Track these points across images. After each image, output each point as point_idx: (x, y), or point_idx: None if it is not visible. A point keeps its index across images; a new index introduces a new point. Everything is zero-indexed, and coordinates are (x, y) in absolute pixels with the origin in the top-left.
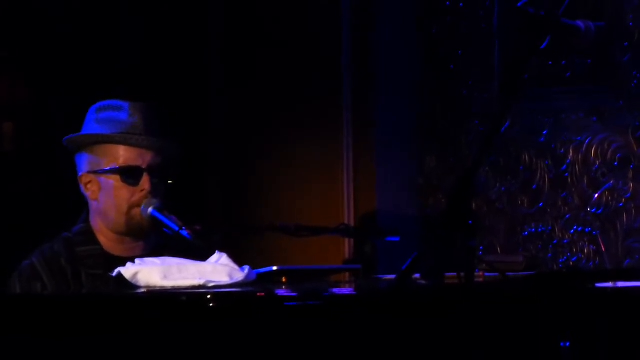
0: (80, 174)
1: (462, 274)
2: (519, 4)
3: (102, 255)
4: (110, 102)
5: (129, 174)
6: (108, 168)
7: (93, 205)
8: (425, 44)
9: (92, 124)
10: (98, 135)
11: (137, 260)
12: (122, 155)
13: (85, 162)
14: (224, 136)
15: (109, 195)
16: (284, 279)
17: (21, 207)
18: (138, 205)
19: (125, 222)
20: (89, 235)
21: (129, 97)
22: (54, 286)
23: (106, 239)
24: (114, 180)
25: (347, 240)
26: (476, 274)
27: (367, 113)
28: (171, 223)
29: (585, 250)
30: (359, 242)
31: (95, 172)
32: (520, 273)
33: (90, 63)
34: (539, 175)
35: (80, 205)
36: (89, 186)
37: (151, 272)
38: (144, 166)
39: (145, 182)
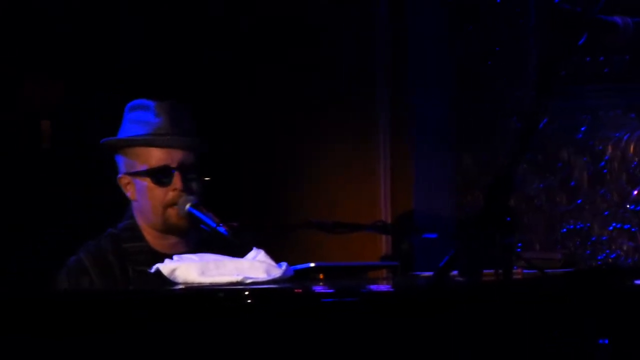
0: (119, 175)
1: (500, 271)
2: (556, 1)
3: (149, 251)
4: (139, 102)
5: (160, 174)
6: (139, 170)
7: (134, 204)
8: (462, 41)
9: (126, 124)
10: (127, 140)
11: (175, 257)
12: (152, 156)
13: (122, 164)
14: (264, 134)
15: (144, 196)
16: (321, 276)
17: (61, 205)
18: (172, 204)
19: (162, 222)
20: (135, 232)
21: (159, 95)
22: (101, 281)
23: (150, 236)
24: (146, 182)
25: (384, 237)
26: (514, 271)
27: (404, 110)
28: (208, 220)
29: (624, 247)
30: (396, 239)
31: (130, 174)
32: (558, 270)
33: (123, 61)
34: (577, 172)
35: (120, 203)
36: (127, 187)
37: (189, 269)
38: (173, 165)
39: (177, 181)
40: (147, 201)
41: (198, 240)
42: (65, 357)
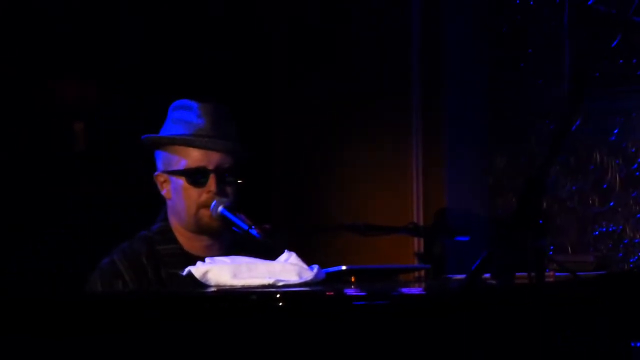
0: (157, 172)
1: (533, 274)
2: (589, 2)
3: (182, 254)
4: (183, 102)
5: (196, 175)
6: (176, 169)
7: (169, 203)
8: (495, 43)
9: (168, 123)
10: (169, 138)
11: (207, 259)
12: (190, 156)
13: (160, 161)
14: (296, 136)
15: (179, 196)
16: (352, 279)
17: (94, 207)
18: (205, 206)
19: (194, 222)
20: (168, 234)
21: (197, 97)
22: (135, 284)
23: (183, 237)
24: (182, 181)
25: (416, 239)
26: (546, 273)
27: (437, 112)
28: (240, 222)
29: None
30: (428, 241)
31: (168, 172)
32: (591, 273)
33: (159, 63)
34: (610, 174)
35: (151, 206)
36: (164, 185)
37: (221, 271)
38: (210, 167)
39: (212, 183)
40: (182, 200)
41: (231, 242)
42: (98, 356)
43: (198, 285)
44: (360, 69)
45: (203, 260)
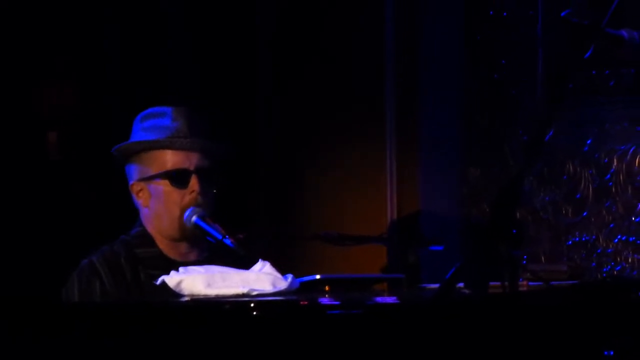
0: (131, 182)
1: (506, 284)
2: (562, 14)
3: (161, 257)
4: (153, 110)
5: (178, 177)
6: (156, 173)
7: (145, 212)
8: (469, 53)
9: (139, 133)
10: (144, 142)
11: (181, 269)
12: (169, 159)
13: (134, 171)
14: (269, 145)
15: (160, 201)
16: (327, 288)
17: (70, 216)
18: (189, 207)
19: (178, 227)
20: (147, 238)
21: (176, 103)
22: (112, 285)
23: (162, 244)
24: (163, 186)
25: (390, 249)
26: (520, 283)
27: (411, 121)
28: (214, 231)
29: (630, 260)
30: (402, 251)
31: (145, 179)
32: (564, 282)
33: (136, 69)
34: (583, 184)
35: (128, 212)
36: (140, 194)
37: (195, 281)
38: (191, 168)
39: (194, 183)
40: (164, 205)
41: (209, 249)
42: None
43: (172, 295)
44: (335, 79)
45: (183, 264)
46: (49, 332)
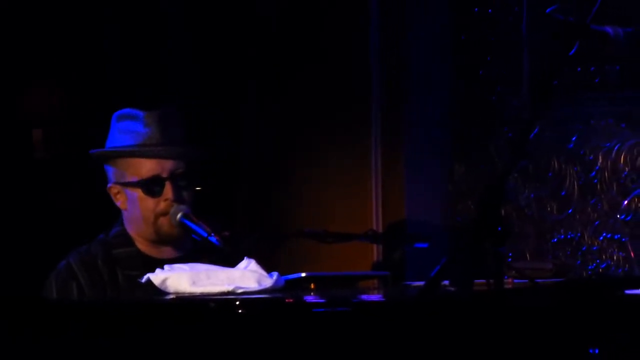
0: (109, 185)
1: (491, 281)
2: (547, 11)
3: (138, 256)
4: (127, 111)
5: (151, 185)
6: (130, 180)
7: (125, 214)
8: (455, 51)
9: (115, 134)
10: (117, 151)
11: (166, 267)
12: (143, 166)
13: (111, 174)
14: (254, 143)
15: (135, 206)
16: (312, 286)
17: (53, 214)
18: (164, 214)
19: (154, 231)
20: (126, 238)
21: (153, 103)
22: (89, 286)
23: (142, 245)
24: (137, 192)
25: (375, 246)
26: (505, 280)
27: (396, 119)
28: (200, 229)
29: (615, 257)
30: (387, 248)
31: (121, 184)
32: (549, 280)
33: (121, 68)
34: (568, 181)
35: (111, 211)
36: (117, 196)
37: (180, 279)
38: (164, 175)
39: (168, 190)
40: (139, 211)
41: (191, 249)
42: None
43: (157, 292)
44: (319, 77)
45: (161, 263)
46: (32, 330)
